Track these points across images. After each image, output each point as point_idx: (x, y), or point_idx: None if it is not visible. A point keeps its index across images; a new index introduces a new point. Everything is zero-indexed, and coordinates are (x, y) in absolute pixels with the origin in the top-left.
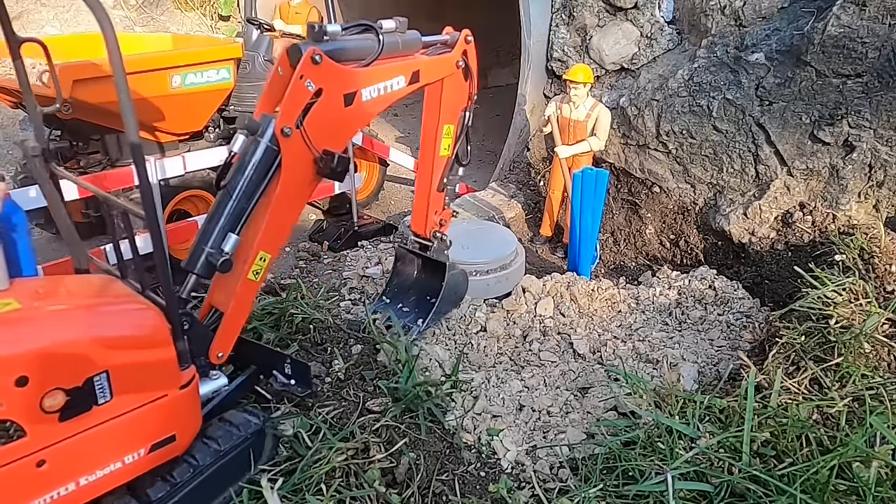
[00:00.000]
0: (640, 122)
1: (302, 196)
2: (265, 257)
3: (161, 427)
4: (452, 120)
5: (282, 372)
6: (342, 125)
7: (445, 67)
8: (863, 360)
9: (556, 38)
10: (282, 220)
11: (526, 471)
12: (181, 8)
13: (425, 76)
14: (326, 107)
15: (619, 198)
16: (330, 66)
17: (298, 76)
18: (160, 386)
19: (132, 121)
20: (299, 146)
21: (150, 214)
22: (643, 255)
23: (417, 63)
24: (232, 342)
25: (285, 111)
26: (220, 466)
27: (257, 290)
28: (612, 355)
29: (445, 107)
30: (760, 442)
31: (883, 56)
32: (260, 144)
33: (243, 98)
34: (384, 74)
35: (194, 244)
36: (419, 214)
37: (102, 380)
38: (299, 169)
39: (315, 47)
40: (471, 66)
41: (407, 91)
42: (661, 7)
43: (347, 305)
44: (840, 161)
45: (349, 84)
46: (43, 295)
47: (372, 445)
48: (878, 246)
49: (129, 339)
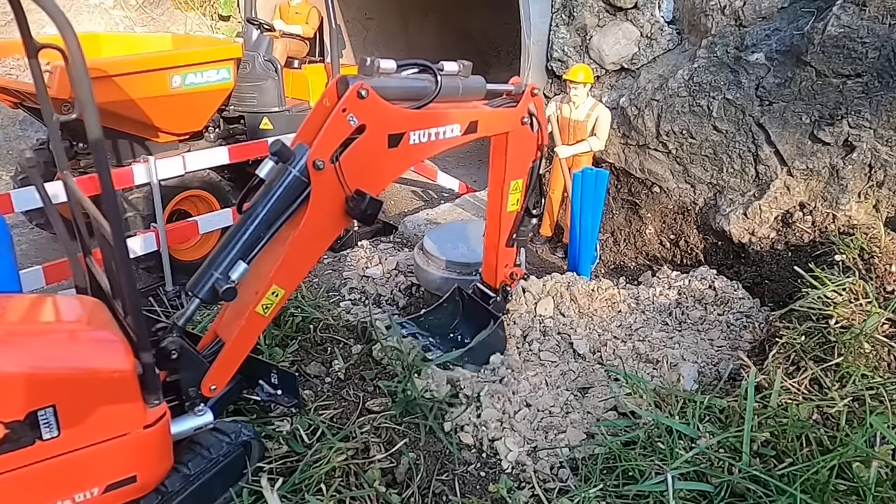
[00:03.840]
0: (640, 122)
1: (326, 235)
2: (278, 293)
3: (119, 467)
4: (520, 174)
5: (268, 382)
6: (382, 166)
7: (508, 122)
8: (863, 360)
9: (556, 38)
10: (302, 257)
11: (526, 471)
12: (181, 8)
13: (484, 128)
14: (367, 145)
15: (619, 198)
16: (376, 102)
17: (341, 109)
18: (119, 424)
19: (94, 117)
20: (331, 182)
21: (115, 225)
22: (643, 255)
23: (477, 113)
24: (228, 377)
25: (321, 143)
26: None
27: (265, 327)
28: (612, 355)
29: (512, 162)
30: (760, 442)
31: (883, 56)
32: (289, 174)
33: (243, 98)
34: (437, 120)
35: (203, 266)
36: (489, 267)
37: (48, 414)
38: (328, 205)
39: (363, 82)
40: (539, 118)
41: (461, 140)
42: (661, 7)
43: (347, 305)
44: (840, 161)
45: (396, 124)
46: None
47: (372, 445)
48: (878, 246)
49: (84, 372)
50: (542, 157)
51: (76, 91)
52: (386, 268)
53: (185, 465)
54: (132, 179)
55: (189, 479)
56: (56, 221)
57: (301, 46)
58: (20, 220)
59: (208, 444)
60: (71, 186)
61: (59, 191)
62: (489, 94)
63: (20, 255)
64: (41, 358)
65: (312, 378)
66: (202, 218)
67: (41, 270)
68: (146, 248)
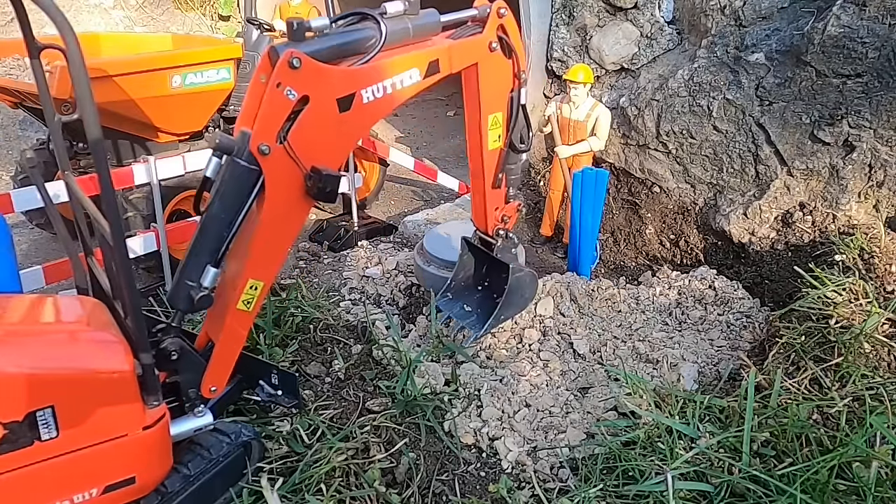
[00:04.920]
0: (640, 122)
1: (291, 220)
2: (256, 285)
3: (118, 468)
4: (498, 107)
5: (268, 382)
6: (338, 135)
7: (475, 52)
8: (863, 360)
9: (556, 38)
10: (271, 246)
11: (526, 471)
12: (181, 8)
13: (448, 65)
14: (315, 116)
15: (619, 198)
16: (313, 68)
17: (274, 84)
18: (118, 425)
19: (93, 118)
20: (284, 164)
21: (114, 225)
22: (643, 255)
23: (435, 51)
24: (225, 376)
25: (261, 126)
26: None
27: (251, 321)
28: (612, 355)
29: (486, 94)
30: (760, 442)
31: (883, 56)
32: (236, 166)
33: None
34: (390, 69)
35: (176, 277)
36: (478, 212)
37: (47, 415)
38: (286, 190)
39: (293, 49)
40: (511, 42)
41: (424, 85)
42: (661, 7)
43: (347, 305)
44: (840, 161)
45: (343, 86)
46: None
47: (372, 445)
48: (878, 246)
49: (83, 373)
50: (522, 84)
51: (76, 91)
52: (386, 268)
53: (186, 465)
54: (132, 179)
55: (189, 479)
56: (57, 221)
57: None
58: (20, 220)
59: (208, 445)
60: (72, 186)
61: (59, 190)
62: (448, 27)
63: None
64: (40, 358)
65: (312, 378)
66: None
67: (41, 270)
68: (146, 248)
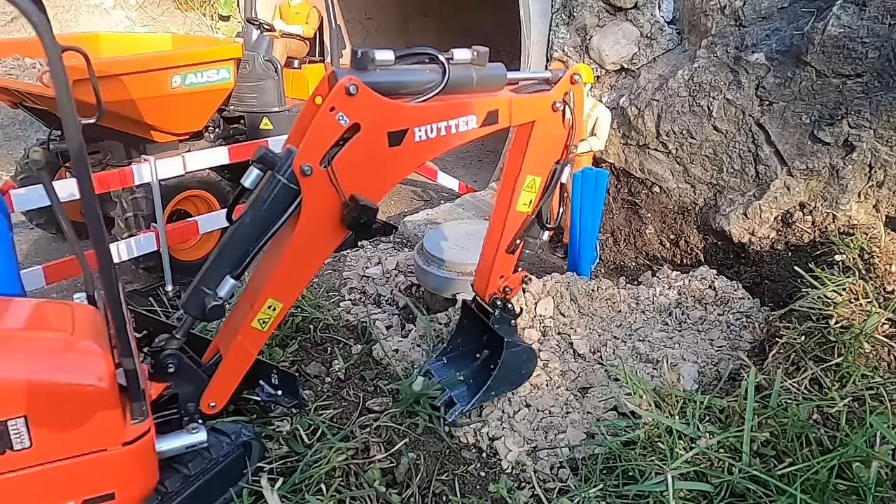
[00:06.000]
0: (640, 122)
1: (323, 245)
2: (276, 306)
3: (96, 483)
4: (540, 172)
5: (268, 382)
6: (383, 168)
7: (537, 109)
8: (863, 360)
9: (556, 38)
10: (297, 269)
11: (526, 471)
12: (181, 8)
13: (507, 117)
14: (364, 145)
15: (619, 198)
16: (369, 98)
17: (328, 107)
18: (96, 440)
19: (72, 121)
20: (324, 188)
21: (95, 230)
22: (643, 255)
23: (496, 101)
24: (228, 394)
25: (307, 146)
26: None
27: (263, 342)
28: (612, 355)
29: (532, 154)
30: (760, 442)
31: (883, 56)
32: (277, 182)
33: (243, 98)
34: (446, 112)
35: (194, 282)
36: (482, 274)
37: (19, 425)
38: (321, 214)
39: (353, 76)
40: (575, 111)
41: (480, 133)
42: (661, 7)
43: (347, 305)
44: (840, 161)
45: (395, 121)
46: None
47: (372, 445)
48: (878, 246)
49: (56, 384)
50: (569, 162)
51: (56, 94)
52: (386, 268)
53: (185, 465)
54: (132, 179)
55: (189, 479)
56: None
57: (301, 46)
58: (20, 220)
59: (208, 445)
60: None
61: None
62: (511, 82)
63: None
64: (14, 366)
65: (312, 378)
66: (202, 218)
67: (41, 270)
68: (146, 248)
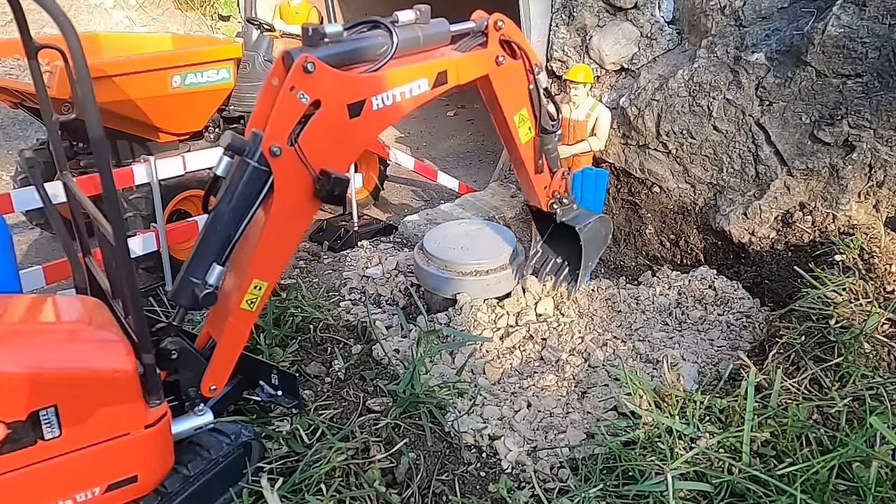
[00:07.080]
0: (640, 122)
1: (298, 222)
2: (261, 285)
3: (120, 467)
4: (521, 104)
5: (269, 382)
6: (347, 140)
7: (482, 66)
8: (863, 360)
9: (556, 38)
10: (277, 247)
11: (526, 471)
12: (181, 8)
13: (455, 76)
14: (326, 120)
15: (619, 198)
16: (327, 73)
17: (288, 88)
18: (120, 424)
19: (96, 117)
20: (293, 166)
21: (116, 225)
22: (643, 255)
23: (444, 62)
24: (225, 375)
25: (273, 128)
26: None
27: (253, 321)
28: (612, 355)
29: (505, 99)
30: (760, 442)
31: (883, 56)
32: (247, 166)
33: (243, 98)
34: (400, 78)
35: (181, 273)
36: (531, 195)
37: (50, 414)
38: (294, 192)
39: (308, 54)
40: (518, 45)
41: (432, 95)
42: (661, 7)
43: (347, 305)
44: (840, 161)
45: (354, 93)
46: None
47: (372, 445)
48: (878, 246)
49: (86, 372)
50: (538, 72)
51: (78, 91)
52: (386, 268)
53: (185, 465)
54: (132, 179)
55: (189, 479)
56: (56, 221)
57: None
58: (20, 220)
59: (208, 445)
60: (71, 186)
61: (58, 191)
62: (457, 36)
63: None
64: (43, 358)
65: (312, 378)
66: (202, 218)
67: (41, 270)
68: (146, 248)
